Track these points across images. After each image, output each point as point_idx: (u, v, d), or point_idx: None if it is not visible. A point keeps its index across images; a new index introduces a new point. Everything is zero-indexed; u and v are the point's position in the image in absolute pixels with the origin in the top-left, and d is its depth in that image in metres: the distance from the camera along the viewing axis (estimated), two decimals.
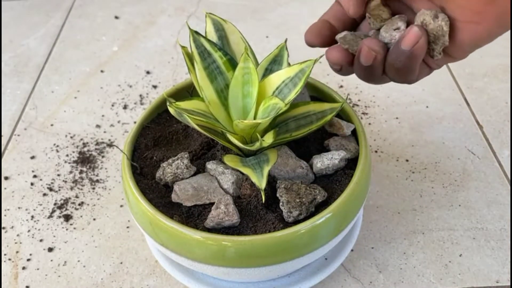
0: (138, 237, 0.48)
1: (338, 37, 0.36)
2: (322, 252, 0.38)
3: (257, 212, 0.37)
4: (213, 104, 0.38)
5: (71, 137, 0.59)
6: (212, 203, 0.37)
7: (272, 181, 0.39)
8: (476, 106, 0.61)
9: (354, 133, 0.42)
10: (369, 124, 0.59)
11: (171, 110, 0.36)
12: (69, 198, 0.52)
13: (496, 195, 0.50)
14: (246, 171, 0.36)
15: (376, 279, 0.44)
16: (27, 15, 0.82)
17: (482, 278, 0.44)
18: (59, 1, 0.85)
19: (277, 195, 0.37)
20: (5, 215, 0.51)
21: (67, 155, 0.57)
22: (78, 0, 0.85)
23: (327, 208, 0.36)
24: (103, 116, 0.62)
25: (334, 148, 0.41)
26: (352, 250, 0.46)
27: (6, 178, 0.55)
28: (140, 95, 0.65)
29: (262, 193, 0.34)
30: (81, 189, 0.53)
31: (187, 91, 0.45)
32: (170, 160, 0.40)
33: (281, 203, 0.36)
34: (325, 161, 0.39)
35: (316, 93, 0.46)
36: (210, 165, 0.39)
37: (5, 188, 0.54)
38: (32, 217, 0.51)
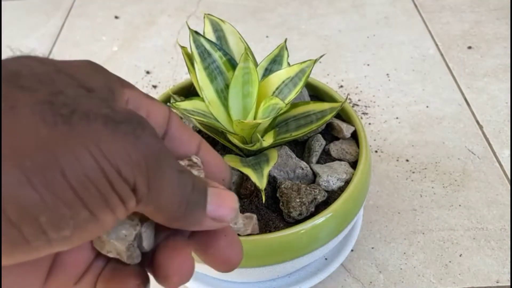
0: None
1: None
2: (322, 252, 0.38)
3: (257, 212, 0.37)
4: (213, 104, 0.38)
5: None
6: None
7: (272, 181, 0.39)
8: (476, 106, 0.61)
9: (354, 132, 0.42)
10: (369, 124, 0.59)
11: None
12: None
13: (496, 195, 0.50)
14: (246, 171, 0.36)
15: (376, 279, 0.44)
16: (27, 15, 0.82)
17: (482, 278, 0.44)
18: (59, 1, 0.85)
19: (277, 195, 0.37)
20: None
21: None
22: (78, 0, 0.85)
23: (327, 208, 0.36)
24: None
25: (335, 152, 0.41)
26: (352, 250, 0.46)
27: None
28: None
29: (263, 193, 0.34)
30: None
31: (187, 91, 0.45)
32: None
33: (281, 203, 0.36)
34: (331, 182, 0.39)
35: (316, 93, 0.46)
36: None
37: None
38: None
